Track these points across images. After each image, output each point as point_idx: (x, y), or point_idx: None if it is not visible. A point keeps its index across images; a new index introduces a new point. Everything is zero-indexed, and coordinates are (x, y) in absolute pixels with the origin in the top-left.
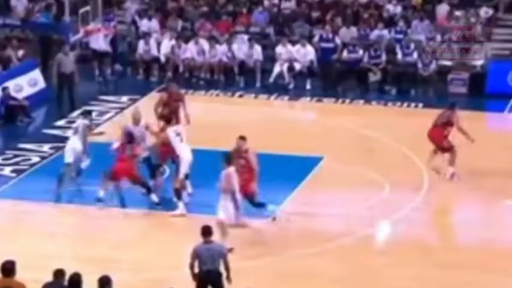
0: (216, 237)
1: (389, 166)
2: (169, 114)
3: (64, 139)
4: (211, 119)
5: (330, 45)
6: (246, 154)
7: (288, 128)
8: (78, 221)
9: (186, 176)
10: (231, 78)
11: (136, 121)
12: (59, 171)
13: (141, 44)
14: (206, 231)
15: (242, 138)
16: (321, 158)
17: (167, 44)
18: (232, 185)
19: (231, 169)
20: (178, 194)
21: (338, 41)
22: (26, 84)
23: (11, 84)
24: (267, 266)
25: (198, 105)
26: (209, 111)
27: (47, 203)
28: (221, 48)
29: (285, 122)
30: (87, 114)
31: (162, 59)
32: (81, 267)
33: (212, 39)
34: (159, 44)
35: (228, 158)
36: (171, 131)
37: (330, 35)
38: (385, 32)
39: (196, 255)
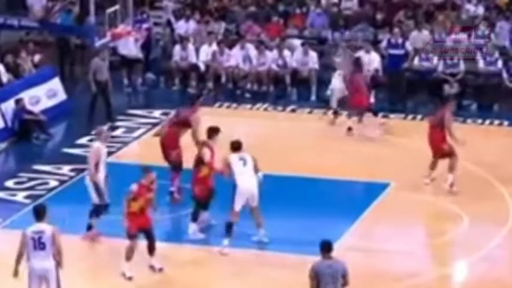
0: None
1: (467, 195)
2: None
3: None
4: (259, 137)
5: (400, 51)
6: (153, 186)
7: (348, 148)
8: (105, 256)
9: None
10: (281, 89)
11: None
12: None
13: (177, 49)
14: (327, 247)
15: (147, 169)
16: (386, 185)
17: (207, 49)
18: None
19: None
20: (228, 227)
21: (409, 46)
22: (44, 96)
23: (26, 95)
24: None
25: (243, 121)
26: (256, 128)
27: (67, 235)
28: (271, 55)
29: (345, 141)
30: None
31: (202, 66)
32: None
33: (260, 44)
34: (198, 49)
35: None
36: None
37: (400, 40)
38: (463, 36)
39: (316, 274)
